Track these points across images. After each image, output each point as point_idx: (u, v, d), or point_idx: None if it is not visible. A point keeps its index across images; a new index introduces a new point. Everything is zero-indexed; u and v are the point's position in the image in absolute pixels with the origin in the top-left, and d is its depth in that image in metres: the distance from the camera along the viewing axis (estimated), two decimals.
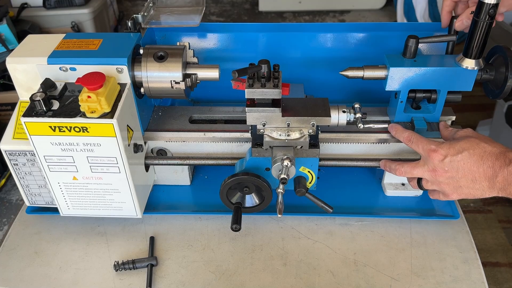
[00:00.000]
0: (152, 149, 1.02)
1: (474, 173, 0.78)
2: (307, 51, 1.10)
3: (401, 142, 0.91)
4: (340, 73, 0.93)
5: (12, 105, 2.30)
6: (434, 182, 0.84)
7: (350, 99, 1.11)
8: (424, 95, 0.93)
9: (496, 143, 0.80)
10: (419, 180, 0.88)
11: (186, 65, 0.92)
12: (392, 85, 0.90)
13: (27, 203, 1.00)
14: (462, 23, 0.90)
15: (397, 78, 0.89)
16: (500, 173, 0.76)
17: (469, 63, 0.87)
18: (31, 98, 0.81)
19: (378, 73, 0.91)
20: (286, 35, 1.08)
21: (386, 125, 0.93)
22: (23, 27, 2.52)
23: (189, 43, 0.93)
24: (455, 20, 0.92)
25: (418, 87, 0.91)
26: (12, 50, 0.90)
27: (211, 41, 1.09)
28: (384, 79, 0.91)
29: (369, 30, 1.07)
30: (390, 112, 0.99)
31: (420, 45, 0.90)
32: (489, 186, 0.78)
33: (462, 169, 0.79)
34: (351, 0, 3.83)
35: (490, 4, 0.79)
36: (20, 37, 2.34)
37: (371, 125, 0.93)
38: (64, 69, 0.86)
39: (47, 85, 0.84)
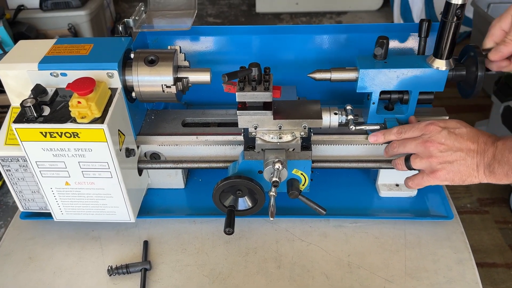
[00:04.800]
0: (145, 153, 1.02)
1: (470, 146, 0.80)
2: (300, 53, 1.10)
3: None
4: (308, 75, 0.92)
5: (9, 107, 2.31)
6: (425, 155, 0.84)
7: (342, 101, 1.11)
8: (397, 96, 0.93)
9: None
10: (407, 159, 0.88)
11: (177, 68, 0.92)
12: (363, 87, 0.90)
13: (20, 209, 1.00)
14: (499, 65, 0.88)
15: (368, 79, 0.89)
16: (491, 148, 0.79)
17: (440, 64, 0.87)
18: (21, 104, 0.81)
19: (346, 75, 0.91)
20: (278, 37, 1.08)
21: (378, 127, 0.93)
22: (20, 29, 2.53)
23: (180, 47, 0.93)
24: (424, 22, 0.91)
25: (389, 89, 0.90)
26: None
27: (203, 44, 1.09)
28: (354, 81, 0.91)
29: (361, 32, 1.07)
30: (363, 113, 0.99)
31: (391, 45, 0.90)
32: (478, 163, 0.80)
33: (459, 142, 0.81)
34: (348, 1, 3.83)
35: (457, 4, 0.80)
36: (16, 39, 2.34)
37: (363, 127, 0.93)
38: (55, 74, 0.86)
39: (38, 91, 0.84)
